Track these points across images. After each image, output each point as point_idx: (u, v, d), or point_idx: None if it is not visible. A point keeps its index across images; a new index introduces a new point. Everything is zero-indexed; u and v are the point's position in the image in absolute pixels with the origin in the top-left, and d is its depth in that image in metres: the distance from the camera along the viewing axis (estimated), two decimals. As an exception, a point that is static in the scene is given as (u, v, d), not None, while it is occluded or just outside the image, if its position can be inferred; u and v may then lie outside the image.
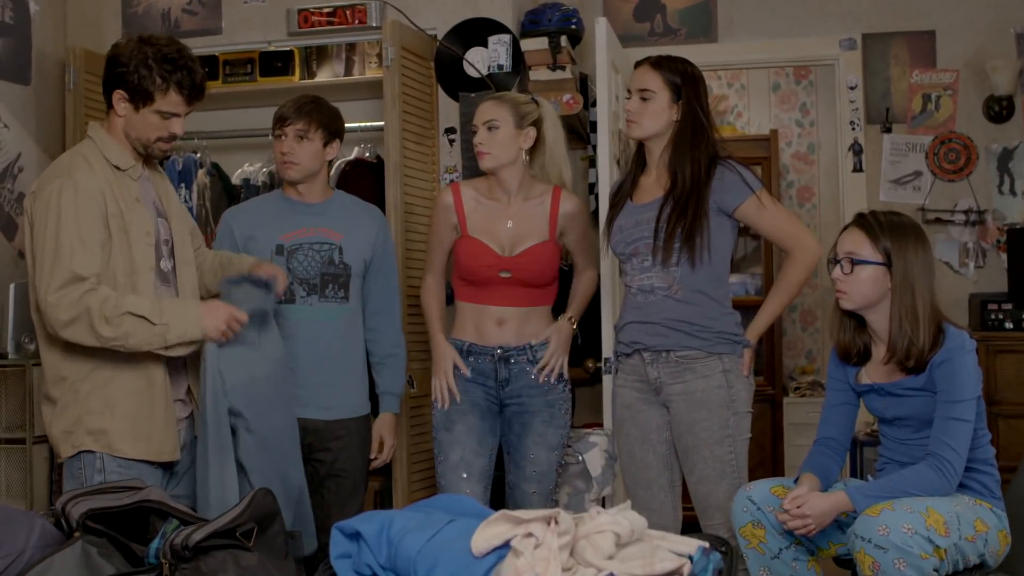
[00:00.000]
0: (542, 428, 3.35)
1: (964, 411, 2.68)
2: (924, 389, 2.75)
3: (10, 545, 2.39)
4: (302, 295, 3.38)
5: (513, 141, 3.34)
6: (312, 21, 4.52)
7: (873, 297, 2.79)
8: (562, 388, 3.39)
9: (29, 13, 4.50)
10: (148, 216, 2.84)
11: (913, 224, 2.84)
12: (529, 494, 3.37)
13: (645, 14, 5.06)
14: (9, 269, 4.33)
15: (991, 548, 2.68)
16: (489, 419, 3.38)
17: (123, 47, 2.80)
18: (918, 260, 2.76)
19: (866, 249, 2.78)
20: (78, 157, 2.80)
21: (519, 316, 3.35)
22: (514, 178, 3.38)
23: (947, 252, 4.85)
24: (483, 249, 3.35)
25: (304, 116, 3.37)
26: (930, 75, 4.86)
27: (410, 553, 1.99)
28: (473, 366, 3.37)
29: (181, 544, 2.23)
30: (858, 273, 2.78)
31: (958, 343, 2.71)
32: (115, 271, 2.73)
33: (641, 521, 1.94)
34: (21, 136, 4.42)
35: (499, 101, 3.40)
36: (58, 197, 2.69)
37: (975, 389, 2.71)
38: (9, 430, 4.13)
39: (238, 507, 2.37)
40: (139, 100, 2.78)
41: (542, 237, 3.36)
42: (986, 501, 2.74)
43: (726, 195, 3.14)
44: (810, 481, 2.82)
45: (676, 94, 3.19)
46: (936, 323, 2.74)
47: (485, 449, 3.36)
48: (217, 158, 5.03)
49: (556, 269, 3.40)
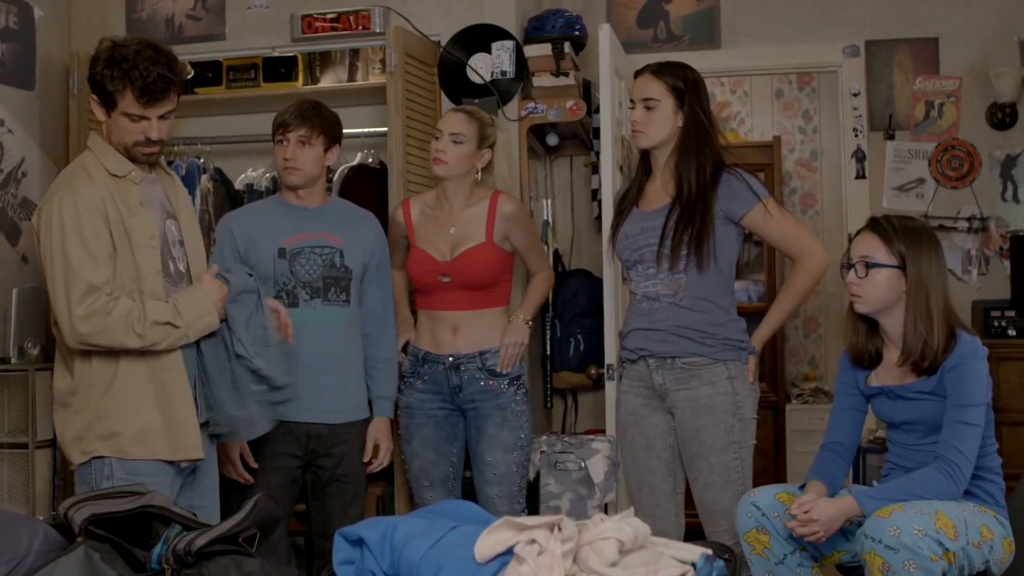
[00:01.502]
0: (495, 431, 3.44)
1: (974, 416, 2.69)
2: (934, 393, 2.76)
3: (13, 550, 2.39)
4: (305, 298, 3.40)
5: (470, 159, 3.49)
6: (316, 27, 4.52)
7: (888, 300, 2.80)
8: (514, 391, 3.47)
9: (34, 18, 4.51)
10: (153, 219, 2.83)
11: (926, 228, 2.88)
12: (493, 497, 3.46)
13: (648, 20, 5.06)
14: (12, 274, 4.33)
15: (996, 555, 2.67)
16: (446, 427, 3.52)
17: (98, 51, 2.79)
18: (932, 263, 2.79)
19: (881, 253, 2.80)
20: (78, 169, 2.80)
21: (469, 319, 3.46)
22: (460, 190, 3.51)
23: (950, 259, 4.83)
24: (424, 256, 3.49)
25: (306, 122, 3.38)
26: (933, 82, 4.86)
27: (413, 559, 1.99)
28: (427, 375, 3.49)
29: (184, 550, 2.23)
30: (873, 276, 2.80)
31: (970, 348, 2.73)
32: (122, 277, 2.73)
33: (644, 528, 1.94)
34: (25, 141, 4.43)
35: (470, 117, 3.52)
36: (59, 210, 2.69)
37: (985, 395, 2.72)
38: (12, 435, 4.13)
39: (241, 513, 2.37)
40: (106, 103, 2.78)
41: (479, 240, 3.45)
42: (991, 509, 2.74)
43: (732, 203, 3.14)
44: (817, 488, 2.82)
45: (680, 100, 3.20)
46: (949, 326, 2.76)
47: (443, 457, 3.52)
48: (220, 163, 5.03)
49: (498, 271, 3.48)
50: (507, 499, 3.46)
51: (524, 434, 3.49)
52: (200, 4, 4.73)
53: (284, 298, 3.39)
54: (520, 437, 3.47)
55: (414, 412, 3.53)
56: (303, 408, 3.29)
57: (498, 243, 3.46)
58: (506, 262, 3.50)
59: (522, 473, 3.50)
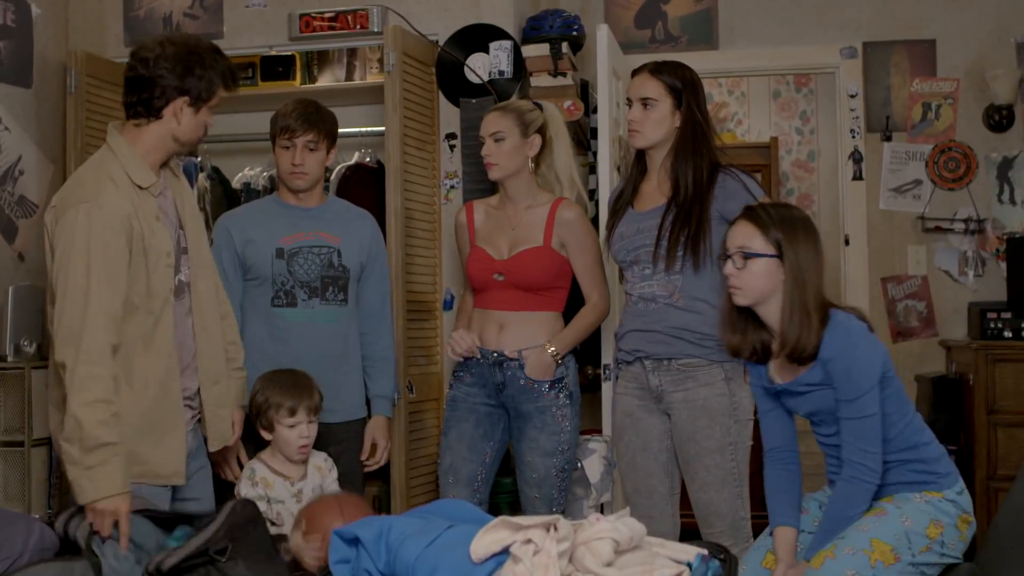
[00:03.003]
0: (534, 434, 3.37)
1: (866, 405, 2.59)
2: (823, 384, 2.65)
3: (9, 548, 2.40)
4: (303, 298, 3.40)
5: (519, 151, 3.40)
6: (314, 26, 4.52)
7: (766, 290, 2.68)
8: (555, 394, 3.37)
9: (31, 16, 4.51)
10: (168, 234, 2.78)
11: (803, 216, 2.76)
12: (532, 498, 3.42)
13: (646, 21, 5.07)
14: (9, 272, 4.33)
15: (951, 543, 2.60)
16: (485, 425, 3.43)
17: (160, 58, 2.73)
18: (808, 251, 2.67)
19: (758, 242, 2.68)
20: (103, 177, 2.70)
21: (517, 320, 3.38)
22: (520, 186, 3.43)
23: (946, 261, 4.85)
24: (482, 254, 3.43)
25: (313, 127, 3.39)
26: (930, 84, 4.87)
27: (409, 559, 1.99)
28: (474, 370, 3.41)
29: (154, 569, 2.26)
30: (751, 267, 2.68)
31: (842, 333, 2.61)
32: (131, 295, 2.67)
33: (640, 528, 1.94)
34: (22, 139, 4.42)
35: (503, 112, 3.44)
36: (86, 222, 2.61)
37: (872, 378, 2.60)
38: (8, 433, 4.12)
39: (213, 525, 2.39)
40: (201, 101, 2.77)
41: (537, 242, 3.38)
42: (934, 490, 2.64)
43: (728, 203, 3.14)
44: (783, 542, 2.72)
45: (677, 100, 3.19)
46: (823, 314, 2.64)
47: (475, 455, 3.42)
48: (217, 162, 5.03)
49: (553, 275, 3.39)
50: (545, 501, 3.40)
51: (565, 437, 3.38)
52: (198, 2, 4.73)
53: (282, 298, 3.39)
54: (560, 441, 3.37)
55: (457, 405, 3.45)
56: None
57: (555, 248, 3.39)
58: (563, 268, 3.40)
59: (563, 476, 3.41)
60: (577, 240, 3.39)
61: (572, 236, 3.39)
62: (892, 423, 2.64)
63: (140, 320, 2.69)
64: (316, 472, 3.19)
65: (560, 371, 3.38)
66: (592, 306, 3.43)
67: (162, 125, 2.75)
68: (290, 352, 3.35)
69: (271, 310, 3.40)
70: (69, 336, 2.57)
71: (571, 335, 3.39)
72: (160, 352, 2.73)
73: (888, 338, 4.86)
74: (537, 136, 3.42)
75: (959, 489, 2.67)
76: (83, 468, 2.51)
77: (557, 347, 3.35)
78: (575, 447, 3.45)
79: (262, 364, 3.33)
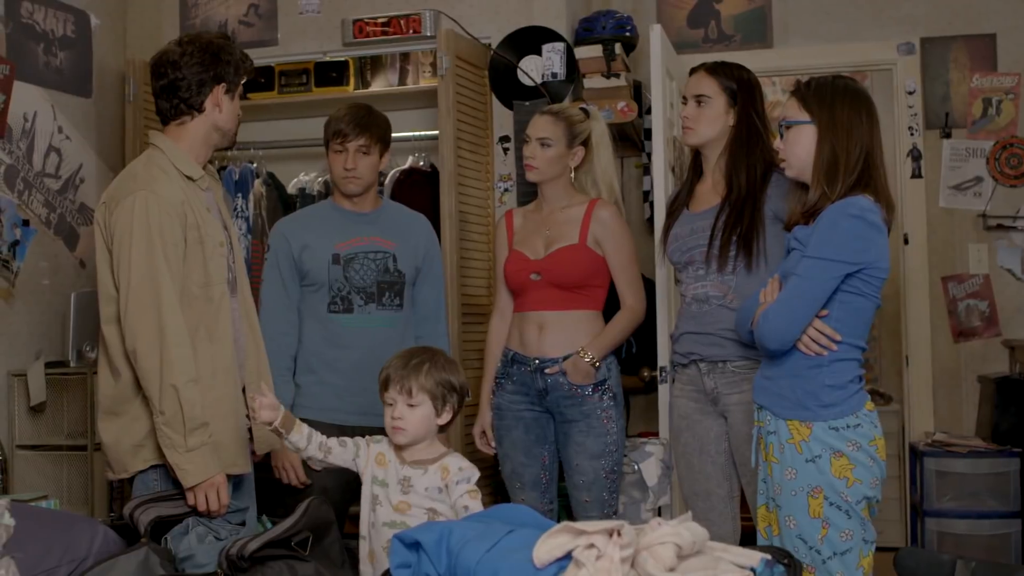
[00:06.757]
0: (580, 438, 3.37)
1: (808, 268, 2.55)
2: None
3: (74, 551, 2.43)
4: (360, 304, 3.41)
5: (561, 159, 3.43)
6: (367, 31, 4.55)
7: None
8: (599, 396, 3.36)
9: (90, 26, 4.58)
10: (220, 225, 2.84)
11: (846, 84, 2.69)
12: (583, 502, 3.41)
13: (699, 20, 5.03)
14: (70, 279, 4.40)
15: (873, 480, 2.57)
16: (535, 429, 3.45)
17: (185, 56, 2.79)
18: (844, 115, 2.62)
19: (792, 110, 2.69)
20: (154, 168, 2.76)
21: (556, 320, 3.38)
22: (557, 190, 3.46)
23: (1009, 259, 4.77)
24: (518, 256, 3.46)
25: (365, 131, 3.39)
26: (991, 79, 4.79)
27: (470, 563, 1.98)
28: (516, 377, 3.43)
29: (236, 554, 2.25)
30: (793, 136, 2.68)
31: (840, 205, 2.57)
32: (190, 284, 2.71)
33: (703, 532, 1.92)
34: (82, 148, 4.49)
35: (555, 118, 3.44)
36: (144, 208, 2.65)
37: (834, 252, 2.53)
38: (71, 437, 4.20)
39: (293, 516, 2.39)
40: (233, 86, 2.84)
41: (572, 240, 3.39)
42: (840, 421, 2.56)
43: (783, 202, 3.11)
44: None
45: (732, 99, 3.17)
46: (851, 187, 2.60)
47: (533, 459, 3.45)
48: (273, 168, 5.08)
49: (589, 272, 3.39)
50: (597, 504, 3.39)
51: (612, 439, 3.38)
52: (252, 10, 4.78)
53: (338, 304, 3.41)
54: (607, 443, 3.36)
55: (504, 414, 3.47)
56: (358, 412, 3.30)
57: (591, 246, 3.40)
58: (599, 266, 3.41)
59: (613, 478, 3.41)
60: (612, 238, 3.40)
61: (607, 234, 3.39)
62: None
63: (201, 309, 2.74)
64: (439, 472, 2.62)
65: (602, 373, 3.37)
66: (627, 308, 3.44)
67: (206, 118, 2.82)
68: (348, 357, 3.36)
69: (327, 316, 3.41)
70: (145, 321, 2.62)
71: (606, 340, 3.39)
72: (224, 341, 2.78)
73: (949, 338, 4.79)
74: (581, 148, 3.44)
75: (866, 418, 2.59)
76: (185, 451, 2.60)
77: (594, 353, 3.35)
78: (622, 448, 3.45)
79: (320, 369, 3.35)
